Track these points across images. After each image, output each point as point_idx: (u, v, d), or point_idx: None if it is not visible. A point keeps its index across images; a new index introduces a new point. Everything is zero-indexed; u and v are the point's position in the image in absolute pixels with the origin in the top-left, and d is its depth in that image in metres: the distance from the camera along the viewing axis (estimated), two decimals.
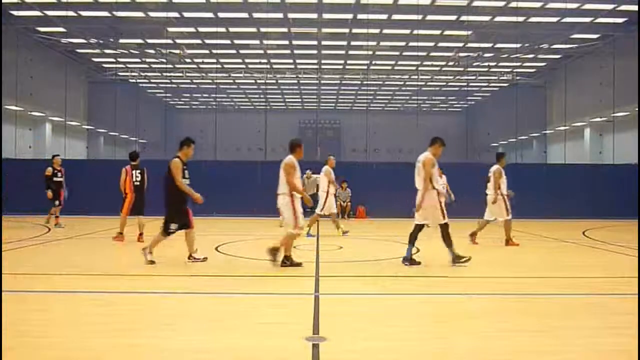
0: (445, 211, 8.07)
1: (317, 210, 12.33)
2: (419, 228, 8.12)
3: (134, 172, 10.84)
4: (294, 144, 7.97)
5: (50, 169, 13.65)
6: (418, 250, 9.53)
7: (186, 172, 8.41)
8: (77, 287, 6.18)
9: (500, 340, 4.14)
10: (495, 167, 10.59)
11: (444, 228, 8.01)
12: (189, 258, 8.22)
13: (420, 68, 30.14)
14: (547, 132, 32.95)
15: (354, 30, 24.71)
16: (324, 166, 12.77)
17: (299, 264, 7.58)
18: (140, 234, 10.75)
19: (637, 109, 23.11)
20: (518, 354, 3.83)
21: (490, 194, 10.52)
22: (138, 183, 10.81)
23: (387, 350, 3.90)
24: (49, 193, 13.42)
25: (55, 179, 13.61)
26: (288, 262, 7.58)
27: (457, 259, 7.91)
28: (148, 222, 10.85)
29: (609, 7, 21.20)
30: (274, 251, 7.59)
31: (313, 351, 3.79)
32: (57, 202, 13.63)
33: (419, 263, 7.86)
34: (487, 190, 10.69)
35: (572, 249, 10.27)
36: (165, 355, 3.76)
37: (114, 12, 22.78)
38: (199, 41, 26.26)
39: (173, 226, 8.05)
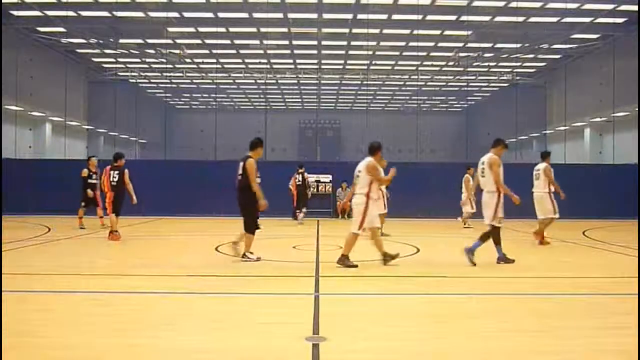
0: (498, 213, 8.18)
1: (385, 210, 12.02)
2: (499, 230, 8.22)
3: (112, 172, 11.19)
4: (375, 146, 8.28)
5: (86, 170, 13.47)
6: (418, 250, 9.53)
7: (257, 172, 8.53)
8: (77, 287, 6.18)
9: (501, 340, 4.14)
10: (544, 165, 10.79)
11: (495, 228, 8.18)
12: (243, 256, 8.26)
13: (420, 68, 30.15)
14: (547, 132, 32.95)
15: (354, 30, 24.72)
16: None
17: (354, 266, 7.56)
18: (114, 231, 10.99)
19: (636, 109, 23.11)
20: (518, 354, 3.83)
21: (539, 191, 10.55)
22: (115, 183, 11.10)
23: (387, 350, 3.90)
24: (89, 192, 13.30)
25: (89, 180, 13.43)
26: (347, 261, 7.64)
27: (504, 259, 7.98)
28: (142, 222, 10.82)
29: (609, 7, 21.21)
30: (342, 258, 7.59)
31: (313, 351, 3.79)
32: (83, 204, 13.42)
33: (513, 261, 7.98)
34: (535, 188, 10.78)
35: (572, 249, 10.26)
36: (165, 355, 3.76)
37: (114, 12, 22.80)
38: (199, 41, 26.27)
39: (256, 225, 8.28)
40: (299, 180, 16.47)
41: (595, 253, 9.71)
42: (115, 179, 11.16)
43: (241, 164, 8.23)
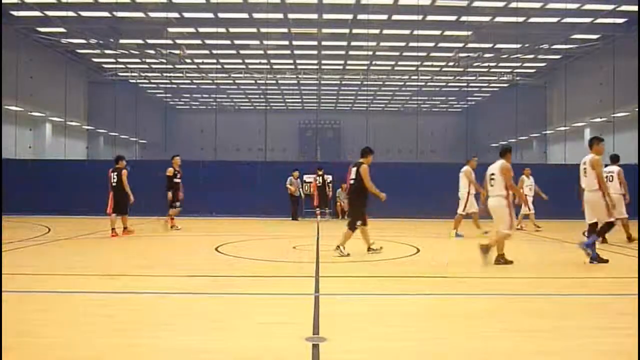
0: (613, 210, 8.29)
1: (459, 211, 12.15)
2: (609, 225, 8.31)
3: (112, 174, 11.73)
4: (507, 149, 8.40)
5: (171, 169, 13.35)
6: (418, 251, 9.53)
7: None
8: (77, 287, 6.18)
9: (501, 340, 4.14)
10: (618, 168, 11.08)
11: (610, 225, 8.26)
12: (368, 250, 9.03)
13: (420, 68, 30.15)
14: (547, 132, 32.96)
15: (354, 31, 24.72)
16: (465, 166, 12.33)
17: (510, 262, 7.89)
18: (112, 229, 11.60)
19: (636, 109, 23.12)
20: (518, 354, 3.83)
21: (615, 194, 10.51)
22: (115, 184, 11.66)
23: (387, 350, 3.90)
24: (170, 194, 13.17)
25: (175, 179, 13.32)
26: (502, 260, 7.93)
27: (596, 260, 8.01)
28: (142, 222, 10.84)
29: (609, 7, 21.22)
30: (485, 249, 7.83)
31: (313, 351, 3.79)
32: (177, 204, 13.31)
33: (607, 261, 7.98)
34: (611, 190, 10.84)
35: (572, 249, 10.25)
36: (165, 355, 3.76)
37: (114, 13, 22.80)
38: (199, 41, 26.27)
39: (359, 223, 8.93)
40: (320, 182, 17.67)
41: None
42: (115, 180, 11.64)
43: (354, 169, 9.03)
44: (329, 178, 18.05)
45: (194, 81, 33.28)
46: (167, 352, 3.81)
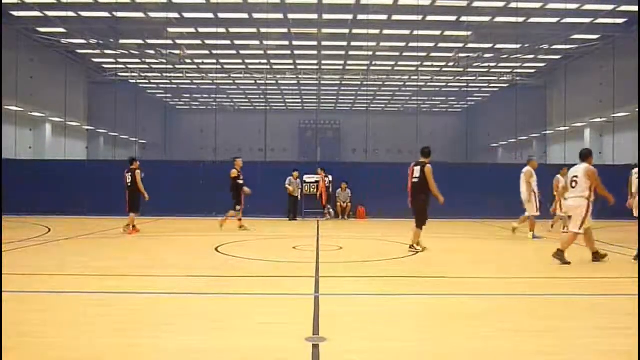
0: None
1: (532, 212, 11.95)
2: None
3: (127, 175, 12.25)
4: (588, 153, 8.73)
5: (235, 170, 13.47)
6: (418, 251, 9.53)
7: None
8: (77, 287, 6.18)
9: (501, 340, 4.14)
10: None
11: None
12: (410, 247, 9.29)
13: (420, 69, 30.15)
14: (547, 132, 32.97)
15: (354, 31, 24.71)
16: (526, 167, 12.24)
17: (604, 255, 8.40)
18: (127, 225, 12.13)
19: (636, 110, 23.12)
20: (518, 355, 3.83)
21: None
22: (129, 184, 12.17)
23: (387, 350, 3.90)
24: (246, 190, 13.33)
25: (239, 180, 13.45)
26: (598, 256, 8.39)
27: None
28: (143, 222, 10.84)
29: (609, 7, 21.22)
30: (560, 253, 8.06)
31: (313, 352, 3.79)
32: (238, 207, 13.40)
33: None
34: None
35: (572, 249, 10.25)
36: (165, 355, 3.76)
37: (114, 13, 22.79)
38: (199, 42, 26.27)
39: (426, 221, 9.29)
40: (328, 182, 18.22)
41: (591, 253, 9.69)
42: (129, 181, 12.16)
43: (417, 168, 9.26)
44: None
45: (194, 81, 33.27)
46: (167, 352, 3.81)
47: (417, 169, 9.21)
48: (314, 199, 18.23)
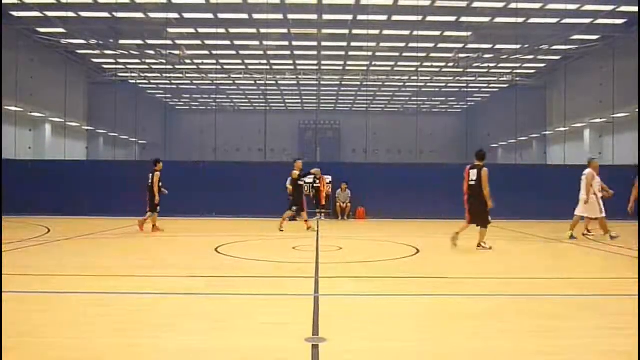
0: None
1: (599, 214, 11.73)
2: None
3: (150, 175, 12.83)
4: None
5: (296, 172, 13.56)
6: (418, 251, 9.54)
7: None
8: (77, 287, 6.18)
9: (500, 340, 4.14)
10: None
11: None
12: (478, 246, 9.69)
13: (420, 69, 30.16)
14: (547, 133, 32.98)
15: (354, 31, 24.72)
16: (587, 169, 12.12)
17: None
18: (153, 226, 12.65)
19: (636, 110, 23.13)
20: (518, 355, 3.83)
21: None
22: (150, 184, 12.76)
23: (387, 350, 3.90)
24: (293, 197, 13.46)
25: (299, 182, 13.63)
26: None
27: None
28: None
29: (609, 8, 21.24)
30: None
31: (313, 352, 3.79)
32: (295, 208, 13.51)
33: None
34: None
35: (572, 249, 10.27)
36: (165, 356, 3.76)
37: (114, 13, 22.81)
38: (198, 42, 26.28)
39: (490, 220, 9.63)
40: (328, 182, 18.39)
41: (594, 254, 9.70)
42: (150, 181, 12.76)
43: (473, 171, 9.64)
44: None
45: (194, 82, 33.29)
46: (167, 352, 3.81)
47: (474, 172, 9.59)
48: (312, 199, 18.25)
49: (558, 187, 18.04)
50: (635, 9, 20.44)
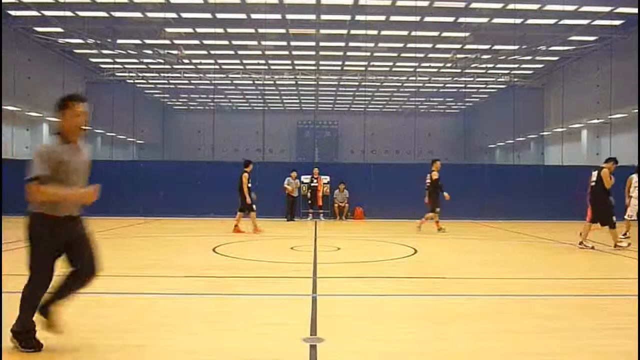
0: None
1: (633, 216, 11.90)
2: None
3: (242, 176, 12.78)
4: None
5: (435, 173, 13.51)
6: (416, 252, 9.54)
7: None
8: None
9: (498, 341, 4.15)
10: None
11: None
12: (580, 244, 10.00)
13: (418, 69, 30.17)
14: (545, 133, 33.03)
15: (352, 32, 24.72)
16: (633, 173, 12.34)
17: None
18: (235, 226, 12.70)
19: (633, 111, 23.18)
20: (515, 355, 3.84)
21: None
22: (239, 185, 12.82)
23: (384, 351, 3.90)
24: (446, 195, 13.28)
25: (440, 182, 13.52)
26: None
27: None
28: (140, 223, 10.82)
29: (607, 9, 21.27)
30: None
31: (311, 352, 3.79)
32: (438, 209, 13.47)
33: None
34: None
35: (569, 250, 10.29)
36: (162, 356, 3.76)
37: (112, 13, 22.77)
38: (196, 42, 26.24)
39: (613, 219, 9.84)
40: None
41: (591, 254, 9.72)
42: (239, 182, 12.72)
43: (595, 172, 10.09)
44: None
45: (192, 81, 33.25)
46: (164, 353, 3.80)
47: (595, 173, 10.04)
48: (313, 200, 18.26)
49: (555, 187, 18.12)
50: (632, 10, 20.51)
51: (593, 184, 10.01)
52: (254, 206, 12.77)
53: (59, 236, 3.76)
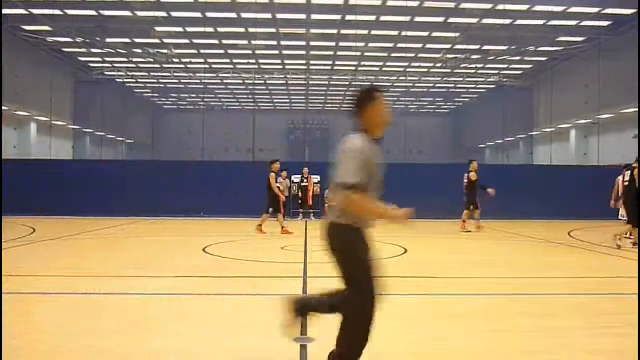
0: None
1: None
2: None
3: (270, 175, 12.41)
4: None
5: (474, 174, 13.40)
6: (406, 251, 9.56)
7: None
8: (62, 289, 6.11)
9: (491, 340, 4.16)
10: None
11: None
12: (634, 245, 9.92)
13: (408, 69, 30.29)
14: (534, 133, 33.27)
15: (343, 31, 24.75)
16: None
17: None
18: (259, 225, 12.34)
19: (621, 111, 23.42)
20: (508, 355, 3.85)
21: None
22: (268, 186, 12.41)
23: (376, 351, 3.90)
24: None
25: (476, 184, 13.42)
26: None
27: None
28: (130, 223, 10.74)
29: (595, 10, 21.47)
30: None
31: (301, 352, 3.78)
32: (472, 207, 13.50)
33: None
34: None
35: (559, 249, 10.36)
36: (153, 357, 3.73)
37: (101, 11, 22.62)
38: (186, 41, 26.14)
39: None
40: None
41: (581, 253, 9.80)
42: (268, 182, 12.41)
43: (628, 172, 10.07)
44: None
45: (182, 81, 33.14)
46: (155, 354, 3.78)
47: (628, 173, 10.02)
48: (304, 199, 18.25)
49: (544, 187, 18.24)
50: (621, 11, 20.73)
51: (626, 183, 10.01)
52: (283, 209, 12.65)
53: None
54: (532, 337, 4.23)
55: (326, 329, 4.42)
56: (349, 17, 22.82)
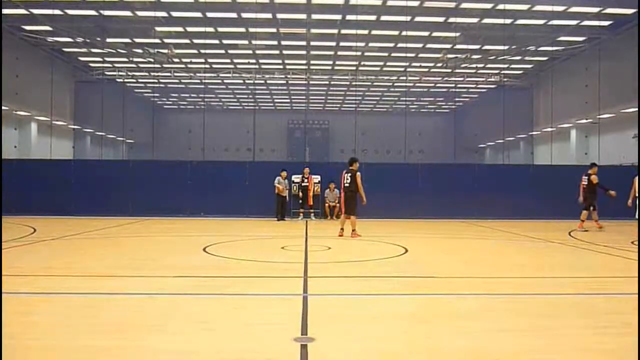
0: None
1: None
2: None
3: (346, 175, 12.10)
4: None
5: (595, 176, 13.64)
6: (406, 251, 9.56)
7: None
8: (63, 288, 6.11)
9: (489, 340, 4.16)
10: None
11: None
12: None
13: (408, 69, 30.26)
14: (534, 133, 33.26)
15: (343, 31, 24.75)
16: None
17: None
18: (341, 229, 12.05)
19: (621, 111, 23.41)
20: (506, 354, 3.85)
21: None
22: (347, 184, 11.98)
23: (375, 350, 3.90)
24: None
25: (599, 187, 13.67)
26: None
27: None
28: (130, 222, 10.74)
29: (595, 10, 21.47)
30: None
31: (301, 352, 3.78)
32: (592, 207, 13.67)
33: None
34: None
35: (559, 249, 10.36)
36: (152, 357, 3.73)
37: (101, 11, 22.61)
38: (187, 41, 26.14)
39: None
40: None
41: (580, 253, 9.79)
42: (348, 182, 11.95)
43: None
44: (317, 178, 18.33)
45: (182, 81, 33.11)
46: (154, 354, 3.77)
47: None
48: (304, 199, 18.24)
49: (545, 186, 18.24)
50: (621, 11, 20.71)
51: None
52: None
53: None
54: (531, 337, 4.23)
55: (327, 328, 4.42)
56: (349, 17, 22.82)
